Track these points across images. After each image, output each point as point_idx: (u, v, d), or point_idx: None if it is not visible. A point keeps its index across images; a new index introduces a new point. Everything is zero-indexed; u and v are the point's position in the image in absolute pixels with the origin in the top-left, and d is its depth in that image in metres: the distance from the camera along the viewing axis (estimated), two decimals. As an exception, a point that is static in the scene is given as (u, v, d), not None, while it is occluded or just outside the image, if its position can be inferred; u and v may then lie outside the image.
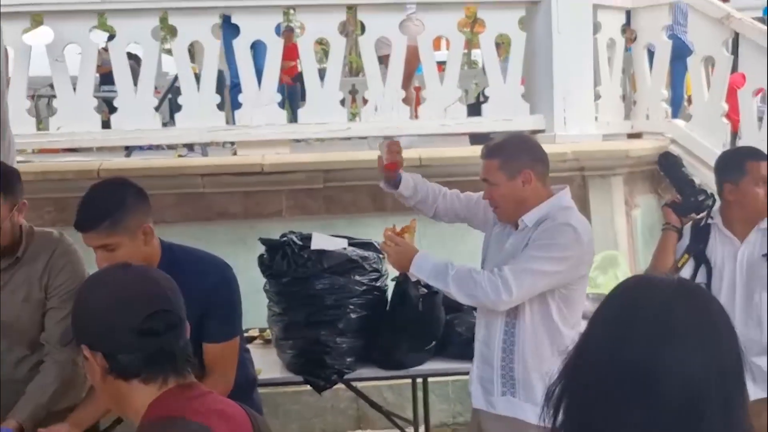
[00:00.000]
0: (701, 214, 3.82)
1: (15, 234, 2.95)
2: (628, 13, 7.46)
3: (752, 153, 3.73)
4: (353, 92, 10.39)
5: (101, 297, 1.78)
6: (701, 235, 3.76)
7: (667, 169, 4.23)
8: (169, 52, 6.37)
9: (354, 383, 4.55)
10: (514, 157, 3.05)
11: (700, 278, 3.76)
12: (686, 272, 3.79)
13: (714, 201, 3.81)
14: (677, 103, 7.56)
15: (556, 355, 1.44)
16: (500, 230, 3.22)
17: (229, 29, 6.25)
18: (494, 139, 3.16)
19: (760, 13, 9.23)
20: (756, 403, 3.50)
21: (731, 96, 6.78)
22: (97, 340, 1.73)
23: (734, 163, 3.68)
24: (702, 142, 6.66)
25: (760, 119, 6.55)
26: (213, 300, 2.79)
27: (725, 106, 6.71)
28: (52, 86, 6.64)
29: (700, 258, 3.74)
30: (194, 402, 1.75)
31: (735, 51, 6.72)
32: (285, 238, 4.22)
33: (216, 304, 2.81)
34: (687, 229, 3.88)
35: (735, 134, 6.84)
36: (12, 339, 3.05)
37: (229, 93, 6.53)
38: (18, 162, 4.80)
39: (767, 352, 3.52)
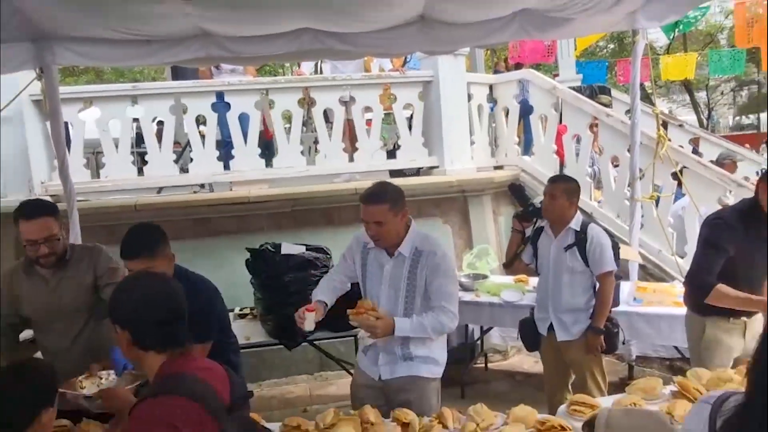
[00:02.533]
0: (538, 220, 3.95)
1: (65, 246, 2.93)
2: (491, 87, 7.58)
3: (552, 179, 3.81)
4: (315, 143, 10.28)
5: (134, 293, 1.79)
6: (537, 232, 3.89)
7: (514, 192, 4.36)
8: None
9: (316, 342, 4.62)
10: (398, 200, 2.85)
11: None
12: (526, 257, 3.96)
13: (539, 213, 3.92)
14: (528, 144, 7.59)
15: None
16: (374, 258, 2.98)
17: (222, 104, 6.25)
18: (372, 187, 2.87)
19: (578, 83, 9.48)
20: (562, 343, 3.70)
21: (558, 139, 6.93)
22: (128, 322, 1.76)
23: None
24: (541, 170, 6.82)
25: (577, 154, 6.74)
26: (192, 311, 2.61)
27: (555, 146, 6.91)
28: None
29: (534, 247, 3.87)
30: (190, 363, 1.79)
31: (560, 110, 6.96)
32: (263, 247, 4.27)
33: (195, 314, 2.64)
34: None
35: (562, 164, 7.01)
36: (57, 328, 2.96)
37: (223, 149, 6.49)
38: (78, 201, 4.77)
39: (570, 312, 3.68)
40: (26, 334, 3.19)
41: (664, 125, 7.67)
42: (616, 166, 6.63)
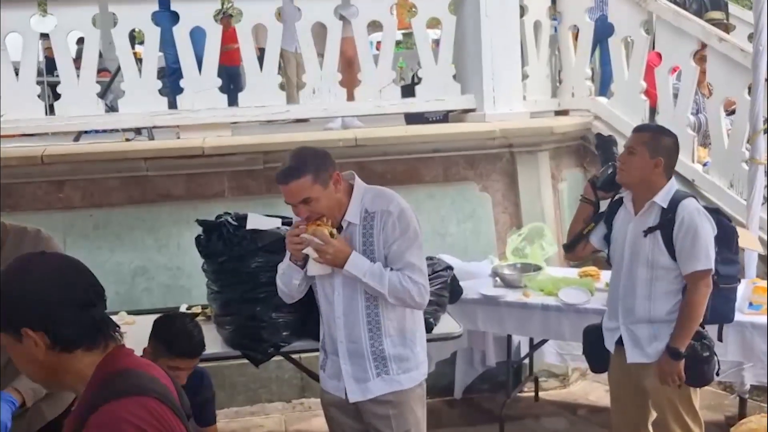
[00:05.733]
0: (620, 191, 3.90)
1: None
2: (554, -4, 7.47)
3: (637, 128, 3.82)
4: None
5: (35, 280, 1.82)
6: (614, 207, 3.84)
7: (600, 147, 4.29)
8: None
9: (294, 355, 4.63)
10: (321, 166, 3.06)
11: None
12: (595, 239, 3.91)
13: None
14: (607, 81, 7.53)
15: None
16: None
17: (167, 15, 6.21)
18: (286, 161, 3.12)
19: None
20: (635, 366, 3.69)
21: (649, 74, 6.85)
22: (39, 319, 1.78)
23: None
24: (623, 118, 6.75)
25: (676, 96, 6.64)
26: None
27: (644, 84, 6.80)
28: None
29: (608, 226, 3.82)
30: (132, 358, 1.89)
31: (653, 32, 6.84)
32: (221, 219, 4.26)
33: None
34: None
35: (653, 110, 6.90)
36: None
37: (167, 78, 6.48)
38: (-37, 149, 4.79)
39: (647, 323, 3.65)
40: None
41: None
42: (731, 113, 6.56)
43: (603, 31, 7.30)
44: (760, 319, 4.40)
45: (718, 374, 3.78)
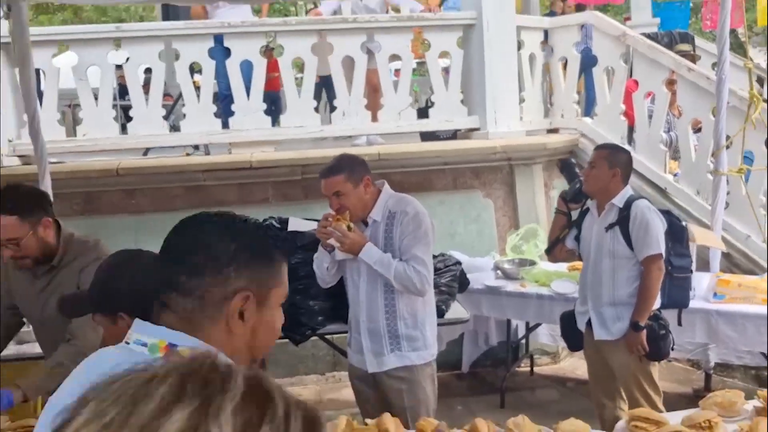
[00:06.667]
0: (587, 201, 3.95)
1: (44, 247, 2.80)
2: (546, 32, 7.43)
3: (597, 146, 3.93)
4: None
5: (130, 273, 1.85)
6: (583, 213, 3.92)
7: (563, 169, 4.38)
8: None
9: (327, 336, 4.66)
10: (356, 170, 3.20)
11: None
12: (569, 241, 3.97)
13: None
14: (591, 104, 7.50)
15: None
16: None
17: (221, 50, 6.25)
18: (330, 161, 3.31)
19: (654, 29, 9.27)
20: (602, 343, 3.73)
21: (627, 98, 6.80)
22: (132, 306, 1.76)
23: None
24: (605, 135, 6.64)
25: (650, 116, 6.60)
26: None
27: (623, 107, 6.75)
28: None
29: (578, 230, 3.89)
30: None
31: (630, 62, 6.79)
32: (266, 222, 4.28)
33: None
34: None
35: (631, 128, 6.89)
36: (47, 335, 2.95)
37: (221, 103, 6.52)
38: (50, 163, 4.82)
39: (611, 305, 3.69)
40: None
41: (759, 82, 7.51)
42: (697, 131, 6.51)
43: (588, 62, 7.26)
44: (724, 307, 4.36)
45: (673, 349, 3.81)
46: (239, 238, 1.28)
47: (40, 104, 5.18)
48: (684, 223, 4.04)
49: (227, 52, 6.22)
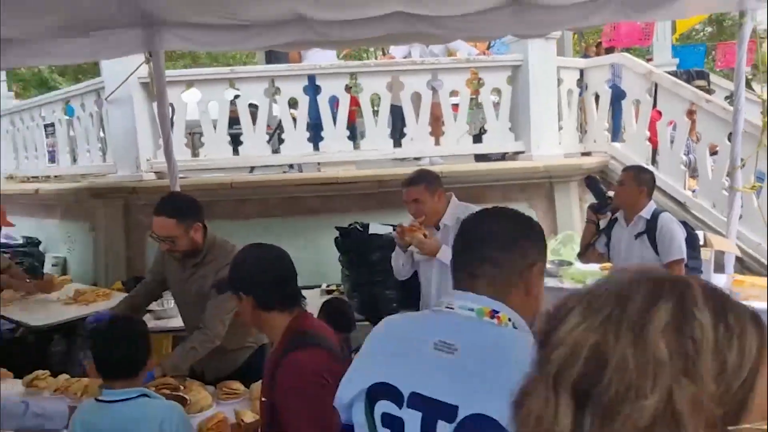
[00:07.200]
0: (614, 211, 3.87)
1: (193, 246, 2.81)
2: (581, 71, 7.35)
3: (625, 168, 3.80)
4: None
5: (253, 262, 1.92)
6: (611, 222, 3.83)
7: (590, 185, 4.29)
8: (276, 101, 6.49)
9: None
10: (433, 182, 3.21)
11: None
12: (599, 245, 3.87)
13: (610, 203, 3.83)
14: (617, 131, 7.34)
15: None
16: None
17: (313, 88, 6.36)
18: (412, 173, 3.34)
19: (673, 68, 9.03)
20: None
21: (652, 126, 6.65)
22: (251, 287, 1.87)
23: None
24: (632, 158, 6.53)
25: (672, 141, 6.46)
26: None
27: (647, 133, 6.63)
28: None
29: (607, 236, 3.79)
30: (312, 320, 1.94)
31: (654, 95, 6.66)
32: (352, 226, 4.35)
33: None
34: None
35: (655, 151, 6.72)
36: (187, 313, 2.99)
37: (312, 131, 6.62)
38: (179, 178, 4.99)
39: None
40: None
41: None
42: (713, 154, 6.29)
43: (617, 95, 7.13)
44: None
45: None
46: (529, 223, 1.36)
47: (172, 131, 5.37)
48: (696, 232, 3.92)
49: (318, 89, 6.32)
